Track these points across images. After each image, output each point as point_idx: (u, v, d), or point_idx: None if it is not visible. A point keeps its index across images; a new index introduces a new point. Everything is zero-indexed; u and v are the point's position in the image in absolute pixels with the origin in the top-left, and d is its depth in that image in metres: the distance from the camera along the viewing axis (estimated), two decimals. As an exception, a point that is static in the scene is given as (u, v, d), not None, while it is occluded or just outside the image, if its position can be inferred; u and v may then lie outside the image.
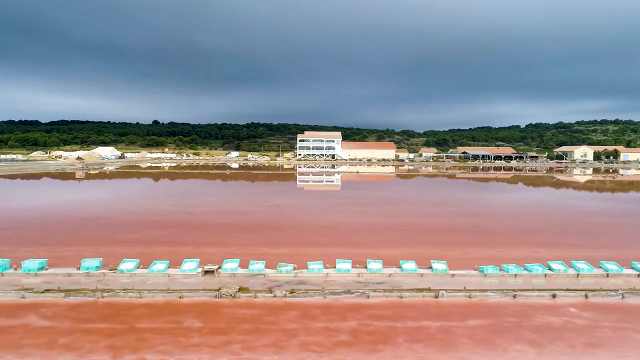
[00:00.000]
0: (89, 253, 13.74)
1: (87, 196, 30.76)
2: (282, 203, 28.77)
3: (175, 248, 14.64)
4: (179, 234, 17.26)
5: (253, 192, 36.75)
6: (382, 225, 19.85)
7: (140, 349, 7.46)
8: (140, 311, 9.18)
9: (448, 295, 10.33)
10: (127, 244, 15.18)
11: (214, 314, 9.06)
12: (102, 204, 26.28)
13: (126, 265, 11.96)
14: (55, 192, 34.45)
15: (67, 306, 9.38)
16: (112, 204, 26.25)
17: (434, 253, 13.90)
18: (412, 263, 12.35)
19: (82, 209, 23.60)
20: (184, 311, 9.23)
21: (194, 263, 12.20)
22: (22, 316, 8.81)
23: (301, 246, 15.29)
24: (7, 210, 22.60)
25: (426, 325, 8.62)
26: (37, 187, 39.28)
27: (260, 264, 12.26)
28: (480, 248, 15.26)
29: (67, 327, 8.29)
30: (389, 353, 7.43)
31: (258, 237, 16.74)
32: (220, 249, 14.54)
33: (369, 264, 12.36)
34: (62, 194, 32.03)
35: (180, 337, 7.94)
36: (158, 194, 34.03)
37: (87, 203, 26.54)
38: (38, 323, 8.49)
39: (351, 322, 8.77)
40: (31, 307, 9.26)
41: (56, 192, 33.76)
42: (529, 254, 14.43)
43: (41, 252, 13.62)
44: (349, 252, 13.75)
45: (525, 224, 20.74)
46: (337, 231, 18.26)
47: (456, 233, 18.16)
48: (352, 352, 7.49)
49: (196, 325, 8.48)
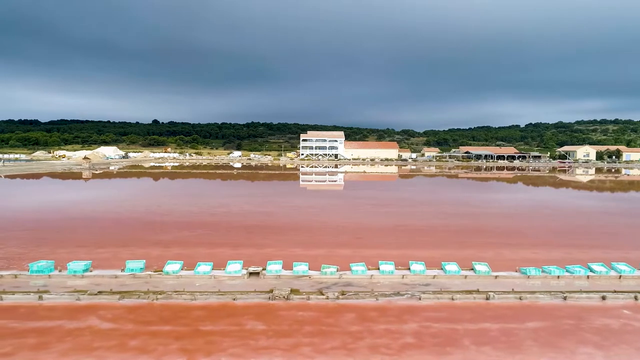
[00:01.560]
0: (127, 255, 13.79)
1: (106, 196, 30.77)
2: (301, 203, 28.84)
3: (212, 249, 14.72)
4: (211, 235, 17.32)
5: (268, 193, 36.82)
6: (409, 226, 19.94)
7: (212, 352, 7.52)
8: (198, 313, 9.24)
9: (499, 298, 10.39)
10: (163, 246, 15.23)
11: (273, 317, 9.11)
12: (123, 204, 26.31)
13: (171, 267, 12.01)
14: (73, 192, 34.43)
15: (125, 308, 9.42)
16: (134, 205, 26.27)
17: (468, 254, 14.01)
18: (454, 265, 12.43)
19: (106, 210, 23.63)
20: (241, 313, 9.29)
21: (238, 265, 12.25)
22: (83, 318, 8.86)
23: (336, 247, 15.36)
24: (34, 211, 22.60)
25: (486, 327, 8.70)
26: (54, 187, 39.23)
27: (303, 265, 12.33)
28: (514, 249, 15.36)
29: (133, 330, 8.34)
30: (458, 356, 7.50)
31: (289, 238, 16.81)
32: (257, 251, 14.60)
33: (412, 266, 12.43)
34: (81, 194, 32.02)
35: (248, 340, 8.00)
36: (175, 194, 34.05)
37: (108, 203, 26.56)
38: (102, 325, 8.53)
39: (410, 324, 8.83)
40: (89, 309, 9.31)
41: (74, 192, 33.74)
42: (562, 255, 14.55)
43: (79, 254, 13.69)
44: (384, 254, 13.85)
45: (551, 225, 20.86)
46: (366, 232, 18.34)
47: (483, 234, 18.27)
48: (421, 354, 7.56)
49: (259, 328, 8.53)
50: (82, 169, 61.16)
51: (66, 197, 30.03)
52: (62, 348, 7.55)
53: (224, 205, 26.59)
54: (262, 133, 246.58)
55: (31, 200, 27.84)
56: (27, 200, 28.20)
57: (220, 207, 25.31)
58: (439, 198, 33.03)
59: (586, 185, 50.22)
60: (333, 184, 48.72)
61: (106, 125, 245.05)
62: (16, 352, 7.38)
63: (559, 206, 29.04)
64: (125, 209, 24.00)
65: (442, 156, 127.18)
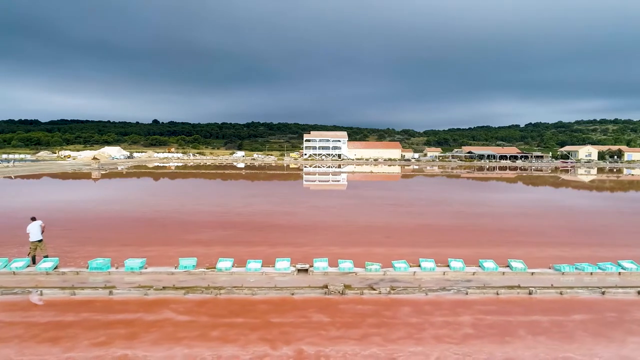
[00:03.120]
0: (173, 252, 14.41)
1: (127, 196, 31.39)
2: (319, 203, 29.45)
3: (251, 248, 15.31)
4: (244, 235, 17.93)
5: (282, 193, 37.46)
6: (434, 225, 20.61)
7: (290, 341, 8.14)
8: (262, 307, 9.85)
9: (540, 292, 11.03)
10: (203, 244, 15.82)
11: (334, 310, 9.72)
12: (147, 204, 26.92)
13: (223, 264, 12.61)
14: (93, 192, 34.98)
15: (193, 303, 10.02)
16: (157, 205, 26.86)
17: (498, 252, 14.62)
18: (491, 262, 13.06)
19: (133, 209, 24.22)
20: (303, 307, 9.89)
21: (286, 262, 12.86)
22: (158, 311, 9.46)
23: (370, 246, 15.97)
24: (65, 211, 23.15)
25: (537, 319, 9.33)
26: (72, 187, 39.74)
27: (348, 262, 12.94)
28: (541, 247, 16.00)
29: (210, 322, 8.94)
30: (519, 345, 8.13)
31: (323, 238, 17.42)
32: (295, 249, 15.19)
33: (451, 263, 13.05)
34: (102, 194, 32.59)
35: (319, 331, 8.61)
36: (192, 194, 34.63)
37: (133, 203, 27.16)
38: (179, 318, 9.13)
39: (464, 316, 9.45)
40: (159, 303, 9.90)
41: (95, 192, 34.29)
42: (589, 253, 15.18)
43: (127, 252, 14.27)
44: (418, 252, 14.47)
45: (571, 224, 21.53)
46: (395, 231, 18.97)
47: (507, 233, 18.95)
48: (483, 343, 8.18)
49: (326, 320, 9.14)
50: (92, 169, 61.62)
51: (90, 197, 30.58)
52: (151, 338, 8.15)
53: (246, 205, 27.18)
54: (262, 133, 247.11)
55: (57, 200, 28.38)
56: (53, 200, 28.73)
57: (243, 207, 25.90)
58: (453, 198, 33.70)
59: (593, 185, 50.97)
60: (344, 184, 49.34)
61: (106, 125, 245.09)
62: (111, 341, 7.98)
63: (573, 206, 29.73)
64: (151, 209, 24.59)
65: (444, 156, 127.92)
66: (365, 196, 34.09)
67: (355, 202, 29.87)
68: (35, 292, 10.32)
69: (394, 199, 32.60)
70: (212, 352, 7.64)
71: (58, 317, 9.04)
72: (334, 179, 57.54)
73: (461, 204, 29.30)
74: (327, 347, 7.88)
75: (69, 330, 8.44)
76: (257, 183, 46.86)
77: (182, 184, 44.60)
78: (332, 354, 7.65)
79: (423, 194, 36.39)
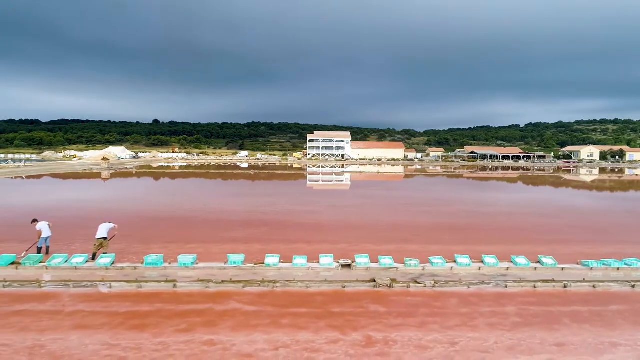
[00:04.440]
0: (216, 250, 15.15)
1: (148, 196, 32.16)
2: (337, 203, 30.21)
3: (289, 245, 16.00)
4: (276, 232, 18.67)
5: (298, 192, 38.24)
6: (455, 224, 21.37)
7: (357, 328, 8.88)
8: (320, 299, 10.59)
9: (574, 286, 11.80)
10: (240, 242, 16.55)
11: (387, 301, 10.47)
12: (171, 203, 27.63)
13: (270, 260, 13.35)
14: (113, 192, 35.69)
15: (253, 295, 10.76)
16: (181, 204, 27.58)
17: (523, 250, 15.38)
18: (522, 258, 13.83)
19: (164, 209, 24.94)
20: (357, 298, 10.64)
21: (330, 258, 13.60)
22: (225, 302, 10.19)
23: (401, 243, 16.73)
24: (97, 210, 23.84)
25: (577, 309, 10.09)
26: (90, 187, 40.38)
27: (388, 258, 13.68)
28: (563, 245, 16.76)
29: (276, 312, 9.68)
30: (566, 332, 8.88)
31: (353, 235, 18.16)
32: (332, 246, 15.92)
33: (485, 259, 13.82)
34: (123, 194, 33.33)
35: (380, 319, 9.35)
36: (211, 194, 35.39)
37: (158, 203, 27.88)
38: (247, 308, 9.87)
39: (509, 307, 10.21)
40: (223, 296, 10.63)
41: (115, 192, 35.01)
42: (612, 250, 15.94)
43: (173, 249, 14.98)
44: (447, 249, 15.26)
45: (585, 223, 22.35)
46: (420, 230, 19.76)
47: (527, 232, 19.75)
48: (533, 330, 8.93)
49: (382, 310, 9.89)
50: (102, 169, 62.26)
51: (113, 197, 31.31)
52: (228, 325, 8.89)
53: (267, 204, 27.91)
54: (263, 133, 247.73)
55: (83, 199, 29.06)
56: (80, 199, 29.41)
57: (265, 207, 26.64)
58: (466, 197, 34.51)
59: (599, 185, 51.81)
60: (355, 185, 50.09)
61: (107, 125, 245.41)
62: (192, 328, 8.72)
63: (584, 205, 30.54)
64: (177, 209, 25.31)
65: (447, 156, 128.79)
66: (379, 196, 34.86)
67: (372, 201, 30.62)
68: (104, 285, 11.05)
69: (408, 198, 33.38)
70: (289, 338, 8.38)
71: (135, 308, 9.76)
72: (343, 179, 58.29)
73: (476, 204, 30.10)
74: (391, 333, 8.63)
75: (150, 319, 9.17)
76: (269, 183, 47.62)
77: (197, 184, 45.32)
78: (398, 339, 8.40)
79: (436, 194, 37.17)
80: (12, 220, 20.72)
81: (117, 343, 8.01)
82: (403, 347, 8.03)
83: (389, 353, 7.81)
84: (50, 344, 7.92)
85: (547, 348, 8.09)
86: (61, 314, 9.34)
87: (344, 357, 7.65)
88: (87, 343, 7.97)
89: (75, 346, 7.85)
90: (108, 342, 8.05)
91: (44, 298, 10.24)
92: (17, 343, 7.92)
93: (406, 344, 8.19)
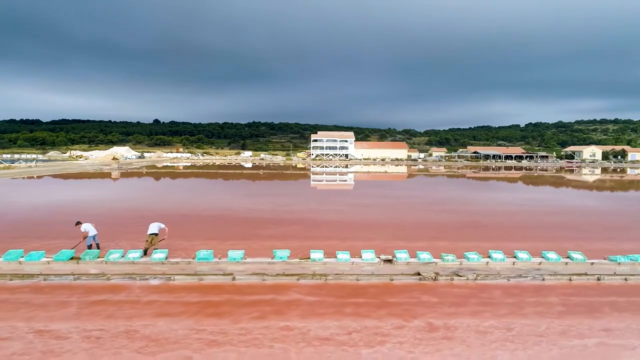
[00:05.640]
0: (258, 246, 15.88)
1: (168, 195, 32.91)
2: (356, 202, 30.95)
3: (324, 242, 16.70)
4: (309, 230, 19.41)
5: (314, 192, 39.05)
6: (479, 222, 22.13)
7: (416, 315, 9.62)
8: (373, 290, 11.32)
9: (608, 279, 12.57)
10: (278, 238, 17.28)
11: (435, 292, 11.22)
12: (195, 202, 28.37)
13: (316, 255, 14.08)
14: (134, 192, 36.38)
15: (310, 287, 11.49)
16: (206, 203, 28.34)
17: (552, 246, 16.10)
18: (553, 253, 14.59)
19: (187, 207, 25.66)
20: (406, 290, 11.38)
21: (371, 253, 14.34)
22: (286, 293, 10.93)
23: (430, 240, 17.47)
24: (130, 209, 24.55)
25: (614, 300, 10.85)
26: (109, 187, 41.04)
27: (426, 254, 14.43)
28: (586, 242, 17.53)
29: (336, 301, 10.41)
30: (610, 319, 9.64)
31: (383, 233, 18.89)
32: (366, 243, 16.62)
33: (517, 254, 14.57)
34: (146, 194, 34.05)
35: (434, 308, 10.10)
36: (231, 193, 36.13)
37: (182, 202, 28.62)
38: (308, 298, 10.61)
39: (552, 297, 10.97)
40: (281, 287, 11.37)
41: (136, 192, 35.70)
42: (631, 246, 16.71)
43: (214, 245, 15.65)
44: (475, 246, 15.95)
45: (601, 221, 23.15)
46: (446, 227, 20.49)
47: (547, 229, 20.52)
48: (578, 318, 9.68)
49: (434, 300, 10.64)
50: (112, 169, 62.90)
51: (138, 196, 32.02)
52: (297, 313, 9.62)
53: (290, 204, 28.67)
54: (264, 133, 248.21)
55: (112, 199, 29.76)
56: (115, 199, 30.10)
57: (290, 206, 27.38)
58: (480, 197, 35.32)
59: (608, 185, 52.67)
60: (366, 184, 50.84)
61: (108, 125, 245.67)
62: (265, 316, 9.46)
63: (595, 204, 31.36)
64: (202, 208, 26.04)
65: (450, 156, 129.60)
66: (396, 196, 35.61)
67: (389, 201, 31.36)
68: (168, 278, 11.78)
69: (423, 198, 34.17)
70: (358, 324, 9.13)
71: (204, 298, 10.50)
72: (354, 179, 59.02)
73: (493, 202, 30.89)
74: (449, 320, 9.38)
75: (222, 307, 9.91)
76: (281, 183, 48.39)
77: (214, 184, 46.06)
78: (457, 325, 9.15)
79: (448, 193, 37.94)
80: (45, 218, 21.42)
81: (203, 328, 8.74)
82: (464, 332, 8.77)
83: (453, 337, 8.56)
84: (142, 329, 8.65)
85: (595, 333, 8.85)
86: (139, 303, 10.06)
87: (413, 340, 8.38)
88: (175, 328, 8.70)
89: (166, 331, 8.58)
90: (194, 327, 8.79)
91: (116, 289, 10.96)
92: (112, 329, 8.65)
93: (466, 329, 8.94)
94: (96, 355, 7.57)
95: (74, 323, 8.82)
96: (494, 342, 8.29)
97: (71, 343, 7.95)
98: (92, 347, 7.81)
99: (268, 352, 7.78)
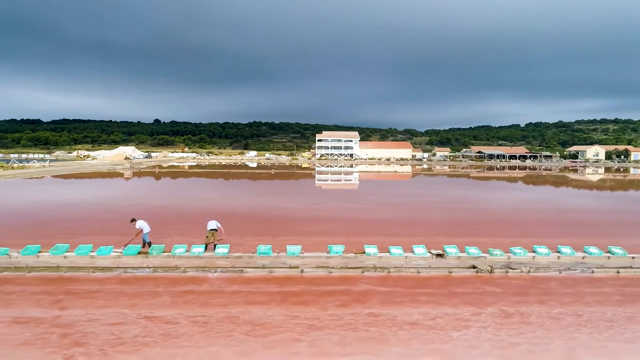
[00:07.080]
0: (307, 242, 16.50)
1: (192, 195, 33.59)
2: (381, 200, 31.68)
3: (370, 237, 17.37)
4: (347, 227, 20.05)
5: (336, 192, 39.79)
6: (507, 220, 22.92)
7: (488, 304, 10.33)
8: (435, 282, 12.03)
9: (652, 270, 13.31)
10: (325, 234, 17.95)
11: (495, 284, 11.93)
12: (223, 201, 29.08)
13: (370, 250, 14.78)
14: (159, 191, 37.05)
15: (374, 278, 12.20)
16: (235, 201, 29.06)
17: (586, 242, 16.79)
18: (595, 248, 15.33)
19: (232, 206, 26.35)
20: (467, 282, 12.08)
21: (422, 248, 15.05)
22: (357, 284, 11.64)
23: (468, 237, 18.17)
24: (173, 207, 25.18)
25: (664, 289, 11.59)
26: (134, 187, 41.65)
27: (474, 249, 15.15)
28: (619, 238, 18.28)
29: (408, 291, 11.11)
30: (666, 306, 10.38)
31: (421, 230, 19.62)
32: (409, 239, 17.28)
33: (561, 249, 15.30)
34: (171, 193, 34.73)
35: (501, 297, 10.80)
36: (253, 193, 36.77)
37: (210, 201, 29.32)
38: (379, 289, 11.29)
39: (605, 288, 11.69)
40: (348, 279, 12.07)
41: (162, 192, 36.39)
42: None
43: (266, 241, 16.25)
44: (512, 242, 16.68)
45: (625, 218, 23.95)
46: (478, 225, 21.23)
47: (579, 226, 21.27)
48: (637, 306, 10.42)
49: (498, 290, 11.35)
50: (125, 169, 63.46)
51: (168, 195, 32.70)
52: (375, 302, 10.29)
53: (317, 202, 29.40)
54: (265, 132, 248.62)
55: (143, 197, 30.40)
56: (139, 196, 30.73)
57: (318, 204, 28.11)
58: (500, 196, 36.12)
59: (616, 185, 53.52)
60: (383, 184, 51.56)
61: (109, 125, 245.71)
62: (347, 304, 10.13)
63: (609, 203, 32.18)
64: (233, 206, 26.76)
65: (454, 156, 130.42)
66: (415, 194, 36.38)
67: (411, 200, 32.12)
68: (241, 270, 12.47)
69: (444, 196, 34.92)
70: (437, 311, 9.83)
71: (283, 288, 11.19)
72: (364, 178, 59.72)
73: (516, 201, 31.70)
74: (520, 308, 10.10)
75: (304, 297, 10.59)
76: (297, 182, 49.17)
77: (234, 184, 46.72)
78: (527, 312, 9.86)
79: (466, 192, 38.70)
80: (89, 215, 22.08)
81: (296, 314, 9.44)
82: (538, 318, 9.50)
83: (529, 322, 9.28)
84: (241, 315, 9.34)
85: (658, 319, 9.57)
86: (224, 293, 10.76)
87: (494, 325, 9.10)
88: (270, 314, 9.40)
89: (263, 317, 9.28)
90: (287, 314, 9.48)
91: (196, 281, 11.64)
92: (213, 314, 9.34)
93: (538, 315, 9.66)
94: (211, 336, 8.26)
95: (175, 310, 9.51)
96: (569, 327, 9.01)
97: (183, 327, 8.63)
98: (205, 331, 8.50)
99: (367, 335, 8.48)
